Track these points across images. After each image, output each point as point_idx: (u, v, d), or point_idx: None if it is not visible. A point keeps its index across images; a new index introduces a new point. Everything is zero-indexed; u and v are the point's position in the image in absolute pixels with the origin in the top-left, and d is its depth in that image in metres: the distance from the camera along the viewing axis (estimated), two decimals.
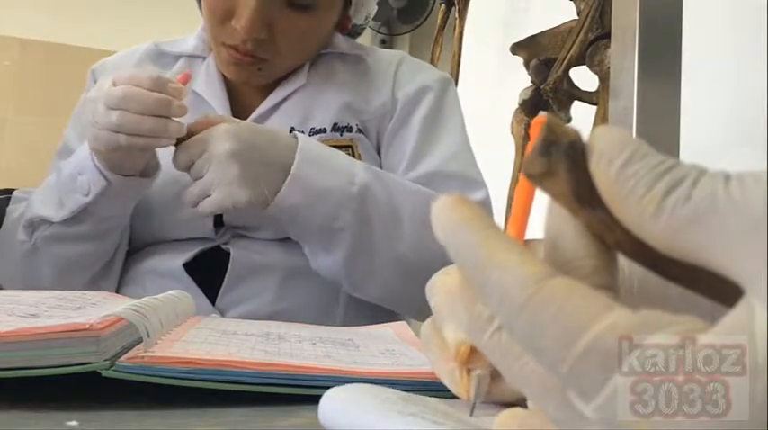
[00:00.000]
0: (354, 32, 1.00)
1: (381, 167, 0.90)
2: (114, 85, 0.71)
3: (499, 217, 1.46)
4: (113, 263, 0.87)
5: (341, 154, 0.80)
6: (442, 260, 0.87)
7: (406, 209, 0.78)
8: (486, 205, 0.89)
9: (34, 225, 0.82)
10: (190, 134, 0.75)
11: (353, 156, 0.87)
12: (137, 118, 0.70)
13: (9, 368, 0.36)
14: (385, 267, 0.78)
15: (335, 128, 0.88)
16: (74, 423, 0.32)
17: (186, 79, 0.77)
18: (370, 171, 0.78)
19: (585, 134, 0.23)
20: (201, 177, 0.73)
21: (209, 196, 0.73)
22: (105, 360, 0.37)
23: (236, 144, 0.72)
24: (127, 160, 0.75)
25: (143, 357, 0.38)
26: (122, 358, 0.38)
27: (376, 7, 0.98)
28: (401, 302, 0.81)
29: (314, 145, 0.78)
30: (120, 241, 0.86)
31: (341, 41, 0.96)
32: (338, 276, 0.79)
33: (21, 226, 0.83)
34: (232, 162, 0.72)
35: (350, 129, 0.88)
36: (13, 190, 1.19)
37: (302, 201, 0.74)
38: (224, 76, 0.92)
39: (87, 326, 0.37)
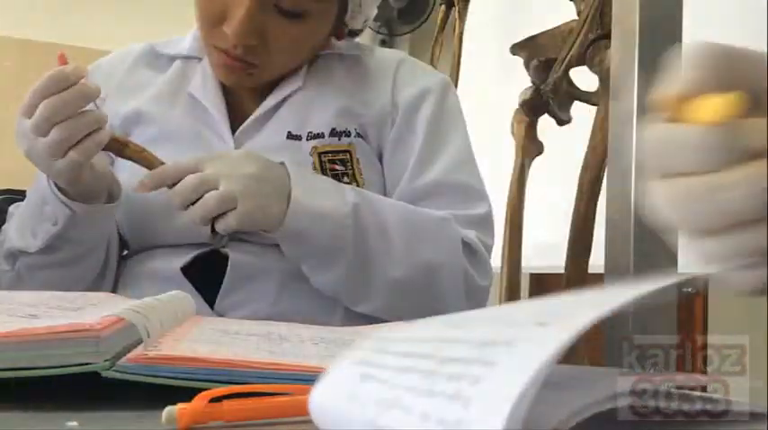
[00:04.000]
0: (353, 34, 1.00)
1: (384, 175, 0.90)
2: (27, 116, 0.71)
3: (498, 217, 1.46)
4: (106, 272, 0.87)
5: (323, 176, 0.83)
6: (431, 271, 0.88)
7: (393, 224, 0.80)
8: (487, 218, 0.89)
9: (14, 255, 0.82)
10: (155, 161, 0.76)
11: (351, 161, 0.87)
12: (70, 123, 0.69)
13: (9, 368, 0.36)
14: (380, 280, 0.80)
15: (334, 133, 0.87)
16: (74, 423, 0.32)
17: (63, 59, 0.74)
18: (354, 191, 0.81)
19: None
20: (213, 188, 0.73)
21: (232, 208, 0.72)
22: (105, 360, 0.37)
23: (259, 163, 0.75)
24: (92, 179, 0.76)
25: (143, 357, 0.38)
26: (122, 358, 0.38)
27: (375, 11, 0.97)
28: (396, 313, 0.82)
29: (300, 169, 0.80)
30: (107, 256, 0.86)
31: (340, 42, 0.95)
32: (338, 292, 0.81)
33: (2, 255, 0.84)
34: (258, 180, 0.74)
35: (348, 134, 0.88)
36: (14, 190, 1.19)
37: (306, 225, 0.76)
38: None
39: (87, 327, 0.37)
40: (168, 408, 0.32)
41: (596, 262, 1.10)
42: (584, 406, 0.21)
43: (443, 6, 2.16)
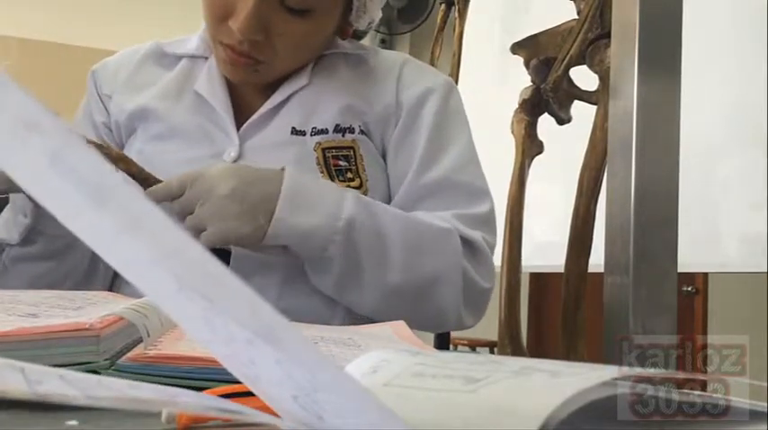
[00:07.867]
0: (356, 36, 1.00)
1: (389, 174, 0.90)
2: None
3: (500, 218, 1.46)
4: (98, 266, 0.87)
5: (331, 187, 0.80)
6: (430, 283, 0.87)
7: (394, 237, 0.79)
8: (489, 217, 0.90)
9: (0, 246, 0.84)
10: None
11: (355, 157, 0.87)
12: None
13: None
14: (374, 292, 0.80)
15: (337, 129, 0.88)
16: (74, 423, 0.32)
17: None
18: (358, 202, 0.78)
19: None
20: (191, 212, 0.74)
21: (203, 230, 0.73)
22: (105, 359, 0.37)
23: (235, 182, 0.73)
24: None
25: (143, 356, 0.38)
26: (122, 358, 0.38)
27: (380, 13, 0.97)
28: (394, 318, 0.82)
29: (300, 183, 0.77)
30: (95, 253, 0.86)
31: (344, 41, 0.96)
32: (331, 295, 0.82)
33: None
34: (231, 200, 0.73)
35: (352, 131, 0.88)
36: None
37: (289, 242, 0.76)
38: (226, 77, 0.92)
39: (87, 326, 0.37)
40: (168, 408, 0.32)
41: (596, 261, 1.10)
42: (580, 391, 0.21)
43: (443, 6, 2.16)
